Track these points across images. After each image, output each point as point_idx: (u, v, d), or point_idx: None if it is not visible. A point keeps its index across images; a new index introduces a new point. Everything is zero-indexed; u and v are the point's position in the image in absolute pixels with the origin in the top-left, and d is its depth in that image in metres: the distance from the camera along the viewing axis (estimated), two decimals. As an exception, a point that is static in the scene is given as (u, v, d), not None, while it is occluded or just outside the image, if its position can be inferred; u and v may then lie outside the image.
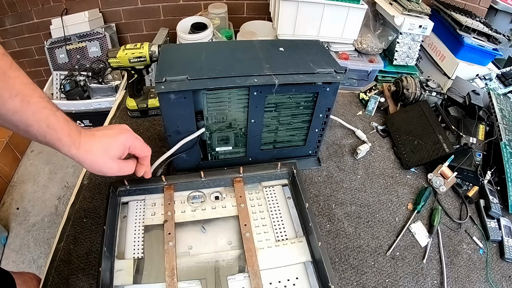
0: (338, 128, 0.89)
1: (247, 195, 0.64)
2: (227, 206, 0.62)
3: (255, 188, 0.66)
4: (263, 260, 0.54)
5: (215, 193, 0.64)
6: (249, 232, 0.57)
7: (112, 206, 0.57)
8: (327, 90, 0.62)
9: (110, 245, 0.54)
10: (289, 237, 0.58)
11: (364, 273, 0.61)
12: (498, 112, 0.87)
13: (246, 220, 0.59)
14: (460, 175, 0.78)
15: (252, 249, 0.54)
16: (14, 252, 1.44)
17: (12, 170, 1.76)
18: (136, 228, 0.58)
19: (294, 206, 0.63)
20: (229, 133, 0.67)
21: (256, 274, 0.51)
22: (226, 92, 0.59)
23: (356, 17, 1.19)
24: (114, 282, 0.51)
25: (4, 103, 0.38)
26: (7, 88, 0.38)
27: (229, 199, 0.63)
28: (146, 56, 0.75)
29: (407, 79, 0.93)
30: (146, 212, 0.60)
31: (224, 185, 0.65)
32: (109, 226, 0.54)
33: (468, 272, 0.64)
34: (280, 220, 0.61)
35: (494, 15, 1.37)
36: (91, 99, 1.63)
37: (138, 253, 0.55)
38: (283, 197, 0.65)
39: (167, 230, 0.56)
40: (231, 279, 0.52)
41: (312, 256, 0.55)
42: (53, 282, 0.54)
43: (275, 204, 0.63)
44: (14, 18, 1.78)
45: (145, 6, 1.79)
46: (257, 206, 0.63)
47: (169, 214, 0.59)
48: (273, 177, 0.67)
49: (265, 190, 0.65)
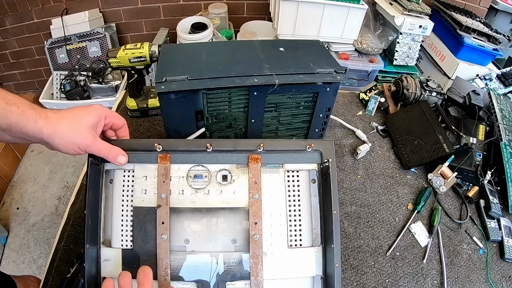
0: (338, 128, 0.89)
1: (263, 181, 0.50)
2: (236, 192, 0.49)
3: (275, 171, 0.51)
4: (269, 269, 0.47)
5: (223, 171, 0.50)
6: (258, 235, 0.47)
7: (92, 179, 0.46)
8: (327, 90, 0.62)
9: (94, 231, 0.46)
10: (303, 244, 0.49)
11: (364, 273, 0.61)
12: (498, 112, 0.87)
13: (257, 217, 0.48)
14: (460, 175, 0.78)
15: (259, 255, 0.47)
16: (14, 252, 1.44)
17: (12, 170, 1.76)
18: (124, 210, 0.48)
19: (318, 208, 0.51)
20: (229, 133, 0.67)
21: (259, 286, 0.46)
22: (226, 92, 0.59)
23: (356, 17, 1.19)
24: (101, 273, 0.45)
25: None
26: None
27: (240, 183, 0.49)
28: (146, 56, 0.75)
29: (407, 79, 0.93)
30: (135, 188, 0.48)
31: (236, 161, 0.50)
32: (90, 209, 0.45)
33: (468, 272, 0.64)
34: (298, 219, 0.50)
35: (494, 15, 1.37)
36: (91, 99, 1.63)
37: (127, 242, 0.47)
38: (308, 189, 0.51)
39: (160, 219, 0.47)
40: (231, 285, 0.47)
41: (324, 272, 0.48)
42: (53, 282, 0.54)
43: (296, 196, 0.51)
44: (14, 18, 1.79)
45: (145, 6, 1.80)
46: (274, 197, 0.50)
47: (163, 197, 0.47)
48: (300, 160, 0.51)
49: (286, 175, 0.51)
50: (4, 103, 0.36)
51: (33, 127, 0.38)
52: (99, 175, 0.48)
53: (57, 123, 0.39)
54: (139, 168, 0.49)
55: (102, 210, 0.48)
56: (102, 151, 0.44)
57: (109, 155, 0.44)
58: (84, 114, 0.42)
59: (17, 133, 0.38)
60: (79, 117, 0.41)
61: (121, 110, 0.89)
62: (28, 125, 0.38)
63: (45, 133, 0.39)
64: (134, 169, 0.49)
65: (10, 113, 0.36)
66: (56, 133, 0.39)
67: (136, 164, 0.49)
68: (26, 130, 0.38)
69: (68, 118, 0.40)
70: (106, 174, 0.49)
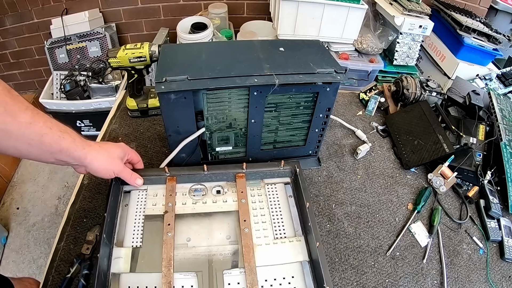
0: (338, 128, 0.89)
1: (248, 191, 0.63)
2: (228, 200, 0.62)
3: (257, 184, 0.65)
4: (260, 257, 0.54)
5: (217, 187, 0.63)
6: (248, 228, 0.57)
7: (114, 194, 0.57)
8: (327, 90, 0.62)
9: (110, 232, 0.54)
10: (287, 236, 0.58)
11: (364, 273, 0.61)
12: (498, 112, 0.87)
13: (246, 216, 0.58)
14: (460, 175, 0.78)
15: (250, 245, 0.54)
16: (14, 252, 1.44)
17: (12, 170, 1.76)
18: (136, 217, 0.58)
19: (295, 205, 0.63)
20: (229, 133, 0.67)
21: (252, 270, 0.51)
22: (226, 92, 0.59)
23: (356, 17, 1.19)
24: (111, 269, 0.51)
25: (16, 117, 0.40)
26: (16, 103, 0.40)
27: (231, 193, 0.63)
28: (146, 56, 0.75)
29: (407, 79, 0.93)
30: (147, 202, 0.60)
31: (227, 179, 0.65)
32: (110, 213, 0.54)
33: (468, 272, 0.64)
34: (280, 218, 0.60)
35: (494, 15, 1.37)
36: (91, 99, 1.63)
37: (137, 242, 0.55)
38: (285, 195, 0.64)
39: (166, 221, 0.56)
40: (227, 274, 0.52)
41: (309, 256, 0.55)
42: (53, 282, 0.54)
43: (276, 201, 0.63)
44: (14, 18, 1.78)
45: (145, 6, 1.79)
46: (258, 202, 0.62)
47: (170, 205, 0.59)
48: (276, 175, 0.66)
49: (267, 187, 0.65)
50: (58, 131, 0.44)
51: (80, 153, 0.48)
52: (119, 192, 0.61)
53: (98, 153, 0.50)
54: (151, 188, 0.62)
55: (119, 218, 0.58)
56: (126, 175, 0.57)
57: (131, 178, 0.58)
58: (115, 149, 0.55)
59: (64, 157, 0.46)
60: (112, 151, 0.54)
61: (121, 110, 0.89)
62: (77, 151, 0.47)
63: (88, 159, 0.49)
64: (147, 189, 0.62)
65: (64, 140, 0.45)
66: (97, 159, 0.50)
67: (149, 185, 0.62)
68: (74, 155, 0.47)
69: (105, 149, 0.52)
70: (124, 194, 0.62)
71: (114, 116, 0.87)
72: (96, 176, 0.54)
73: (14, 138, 0.40)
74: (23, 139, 0.41)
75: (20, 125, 0.40)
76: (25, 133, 0.41)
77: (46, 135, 0.42)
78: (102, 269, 0.49)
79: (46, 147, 0.43)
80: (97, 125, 1.72)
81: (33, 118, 0.41)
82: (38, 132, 0.42)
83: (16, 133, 0.40)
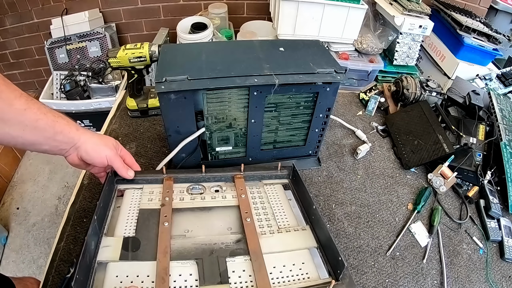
0: (338, 128, 0.89)
1: (248, 189, 0.62)
2: (227, 197, 0.60)
3: (256, 184, 0.65)
4: (266, 245, 0.51)
5: (215, 187, 0.62)
6: (250, 218, 0.54)
7: (109, 184, 0.55)
8: (327, 90, 0.62)
9: (101, 219, 0.50)
10: (291, 225, 0.56)
11: (364, 273, 0.61)
12: (498, 112, 0.87)
13: (247, 209, 0.56)
14: (460, 175, 0.78)
15: (254, 232, 0.52)
16: (14, 252, 1.44)
17: (12, 170, 1.76)
18: (130, 210, 0.54)
19: (296, 205, 0.61)
20: (229, 133, 0.67)
21: (259, 256, 0.48)
22: (226, 92, 0.59)
23: (356, 17, 1.19)
24: (98, 257, 0.46)
25: (12, 104, 0.41)
26: (12, 91, 0.41)
27: (230, 191, 0.61)
28: (146, 56, 0.75)
29: (407, 79, 0.93)
30: (142, 198, 0.57)
31: (225, 180, 0.64)
32: (103, 200, 0.52)
33: (468, 272, 0.64)
34: (282, 211, 0.59)
35: (494, 15, 1.37)
36: (91, 99, 1.63)
37: (130, 232, 0.51)
38: (284, 195, 0.63)
39: (163, 213, 0.53)
40: (231, 261, 0.48)
41: (317, 241, 0.53)
42: (53, 282, 0.54)
43: (276, 198, 0.61)
44: (14, 18, 1.78)
45: (145, 6, 1.79)
46: (258, 198, 0.61)
47: (167, 199, 0.56)
48: (274, 177, 0.66)
49: (266, 186, 0.64)
50: (52, 116, 0.45)
51: (74, 134, 0.48)
52: (113, 188, 0.58)
53: (91, 135, 0.51)
54: (147, 187, 0.60)
55: (111, 211, 0.55)
56: (119, 164, 0.56)
57: (123, 168, 0.56)
58: (109, 138, 0.55)
59: (58, 138, 0.47)
60: (105, 138, 0.55)
61: (121, 110, 0.89)
62: (71, 132, 0.48)
63: (82, 139, 0.50)
64: (143, 187, 0.60)
65: (58, 123, 0.46)
66: (90, 140, 0.51)
67: (145, 184, 0.60)
68: (69, 136, 0.48)
69: (98, 135, 0.53)
70: (118, 192, 0.59)
71: (114, 116, 0.87)
72: (88, 160, 0.52)
73: (9, 125, 0.41)
74: (18, 126, 0.42)
75: (16, 111, 0.41)
76: (20, 120, 0.41)
77: (40, 120, 0.43)
78: (89, 254, 0.44)
79: (40, 131, 0.44)
80: (97, 125, 1.72)
81: (27, 104, 0.42)
82: (33, 118, 0.42)
83: (12, 120, 0.41)
